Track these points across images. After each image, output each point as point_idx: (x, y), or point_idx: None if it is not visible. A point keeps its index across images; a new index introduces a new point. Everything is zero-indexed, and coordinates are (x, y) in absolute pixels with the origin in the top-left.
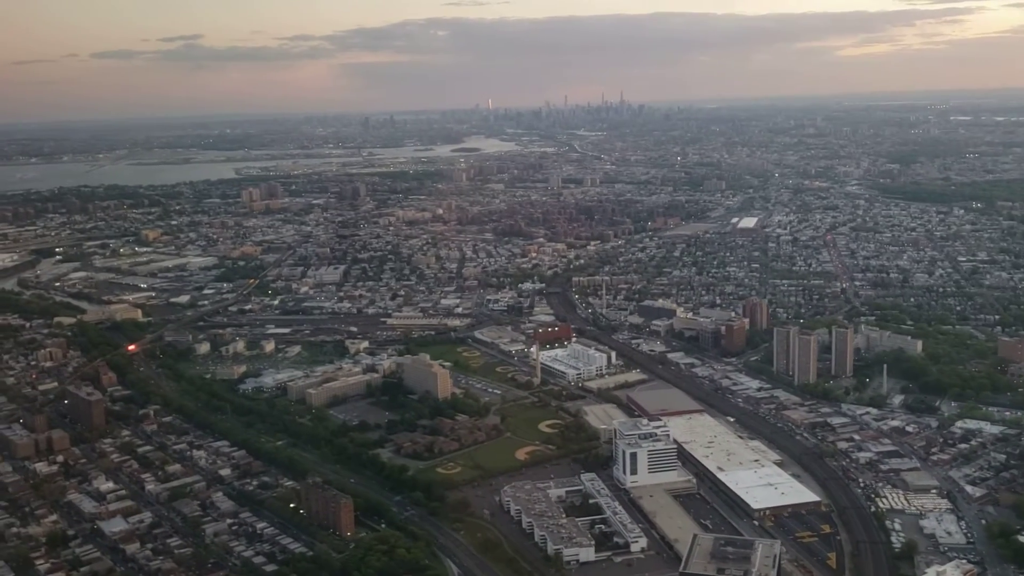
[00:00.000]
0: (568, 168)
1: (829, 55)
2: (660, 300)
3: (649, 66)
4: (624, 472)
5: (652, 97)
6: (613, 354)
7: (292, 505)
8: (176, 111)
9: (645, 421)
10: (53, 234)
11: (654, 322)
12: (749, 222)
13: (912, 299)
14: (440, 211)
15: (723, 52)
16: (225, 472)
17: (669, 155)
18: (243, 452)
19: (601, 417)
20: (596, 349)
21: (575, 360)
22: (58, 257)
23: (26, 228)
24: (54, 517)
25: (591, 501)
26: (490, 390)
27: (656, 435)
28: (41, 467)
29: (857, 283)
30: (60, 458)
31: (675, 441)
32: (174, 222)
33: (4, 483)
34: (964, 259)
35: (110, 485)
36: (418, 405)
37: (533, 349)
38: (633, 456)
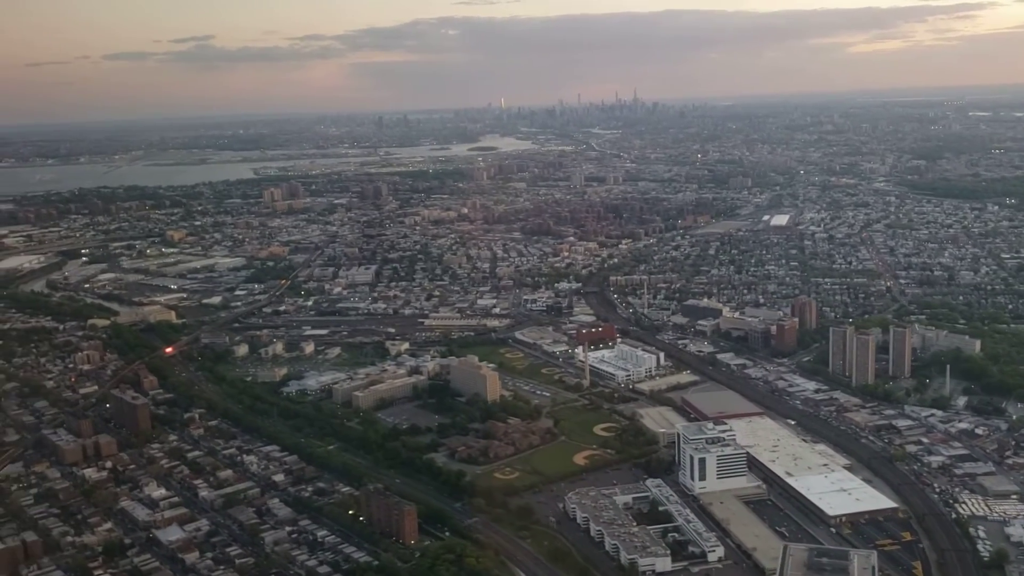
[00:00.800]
0: (588, 166)
1: (841, 52)
2: (705, 300)
3: (661, 64)
4: (692, 478)
5: (664, 95)
6: (661, 355)
7: (351, 512)
8: (188, 112)
9: (710, 425)
10: (78, 235)
11: (699, 322)
12: (781, 220)
13: (960, 297)
14: (465, 210)
15: (734, 49)
16: (279, 478)
17: (689, 153)
18: (295, 457)
19: (658, 420)
20: (643, 350)
21: (623, 361)
22: (84, 258)
23: (49, 229)
24: (108, 525)
25: (661, 508)
26: (539, 392)
27: (724, 439)
28: (90, 473)
29: (902, 281)
30: (109, 464)
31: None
32: (198, 223)
33: (54, 490)
34: (1008, 256)
35: (162, 492)
36: (468, 408)
37: (579, 350)
38: (702, 461)
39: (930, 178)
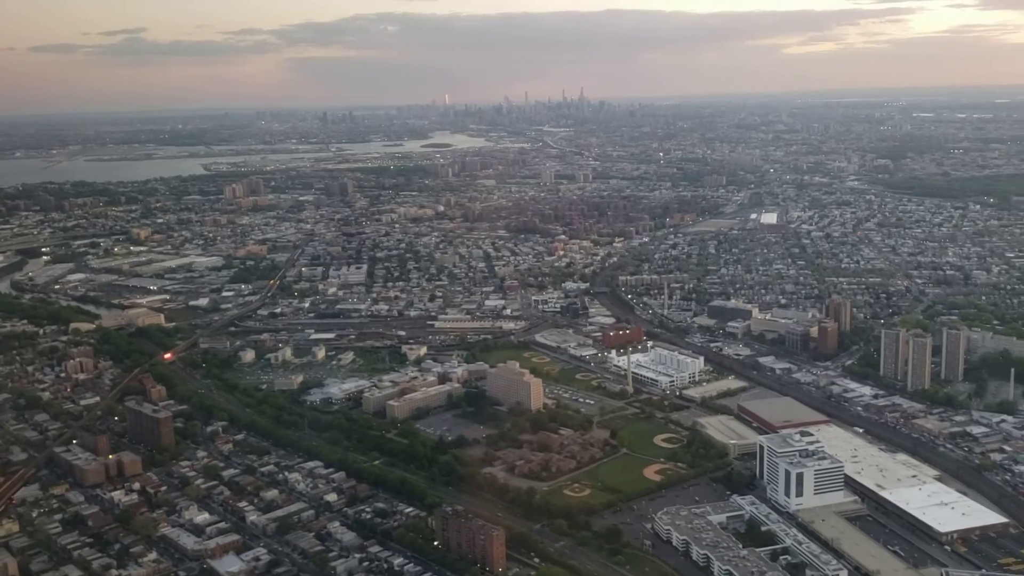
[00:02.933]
0: (553, 164)
1: (776, 53)
2: (732, 301)
3: (602, 63)
4: (787, 493)
5: (606, 94)
6: (701, 359)
7: (423, 536)
8: (121, 106)
9: (795, 436)
10: (33, 233)
11: (729, 324)
12: (771, 218)
13: (983, 297)
14: (441, 207)
15: (674, 49)
16: (331, 498)
17: (649, 151)
18: (341, 474)
19: (723, 431)
20: (680, 353)
21: (663, 366)
22: (46, 257)
23: (1, 227)
24: (154, 555)
25: (763, 528)
26: (581, 400)
27: (818, 452)
28: (119, 496)
29: (918, 281)
30: (136, 485)
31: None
32: (160, 220)
33: (82, 515)
34: (1013, 255)
35: (206, 516)
36: (515, 418)
37: (613, 354)
38: (799, 476)
39: (900, 177)
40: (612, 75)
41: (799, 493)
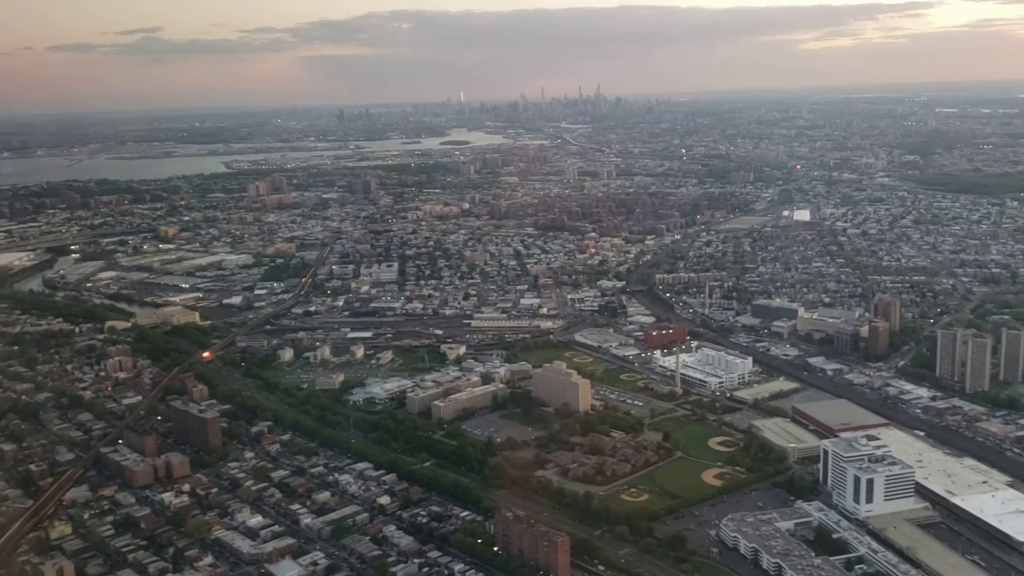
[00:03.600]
0: (574, 161)
1: (792, 49)
2: (776, 299)
3: (617, 59)
4: (856, 500)
5: (622, 90)
6: (749, 360)
7: (481, 541)
8: (138, 105)
9: (862, 440)
10: (61, 231)
11: (775, 323)
12: (804, 215)
13: None
14: (466, 205)
15: (689, 45)
16: (384, 500)
17: (670, 147)
18: (392, 476)
19: (780, 434)
20: (727, 353)
21: (710, 367)
22: (75, 255)
23: (28, 225)
24: (209, 559)
25: (835, 536)
26: (629, 401)
27: (887, 457)
28: (169, 498)
29: (964, 279)
30: (186, 487)
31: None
32: (186, 217)
33: (134, 517)
34: None
35: (259, 519)
36: (564, 420)
37: (658, 354)
38: (869, 482)
39: (931, 173)
40: (627, 71)
41: (869, 499)
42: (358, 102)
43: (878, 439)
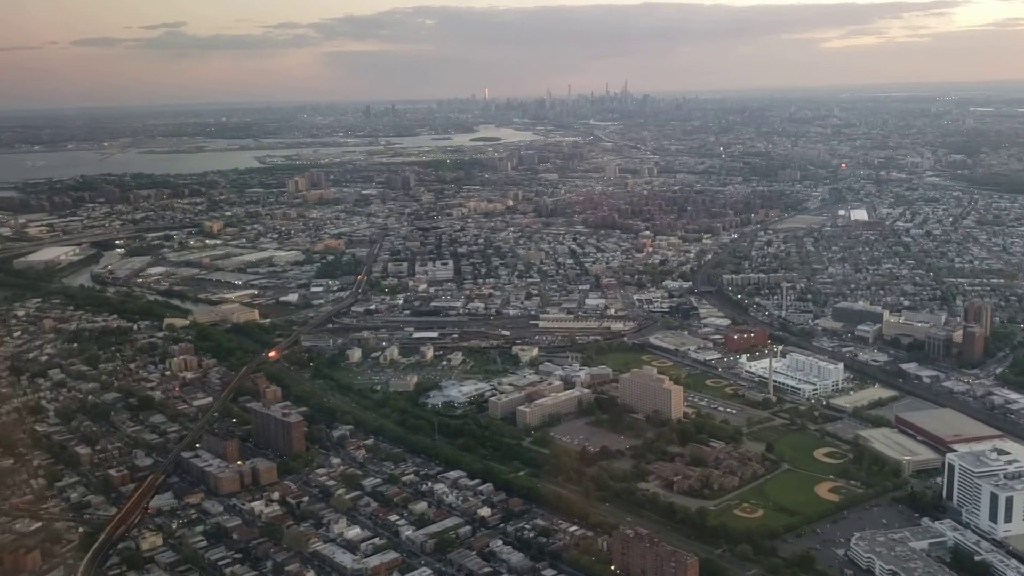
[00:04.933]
0: (610, 158)
1: (814, 47)
2: (860, 302)
3: (640, 57)
4: (993, 519)
5: (645, 87)
6: (841, 366)
7: (596, 560)
8: (162, 99)
9: (991, 454)
10: (103, 225)
11: (859, 327)
12: (861, 215)
13: None
14: (510, 202)
15: (712, 43)
16: (484, 512)
17: (707, 145)
18: (489, 486)
19: (890, 445)
20: (818, 358)
21: (801, 373)
22: (120, 250)
23: (70, 219)
24: (311, 574)
25: (976, 559)
26: (721, 409)
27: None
28: (259, 507)
29: None
30: (275, 494)
31: None
32: (228, 212)
33: (225, 527)
34: None
35: (357, 531)
36: (660, 428)
37: (743, 358)
38: (1008, 500)
39: (981, 173)
40: (651, 69)
41: (1008, 519)
42: (382, 98)
43: (1008, 453)
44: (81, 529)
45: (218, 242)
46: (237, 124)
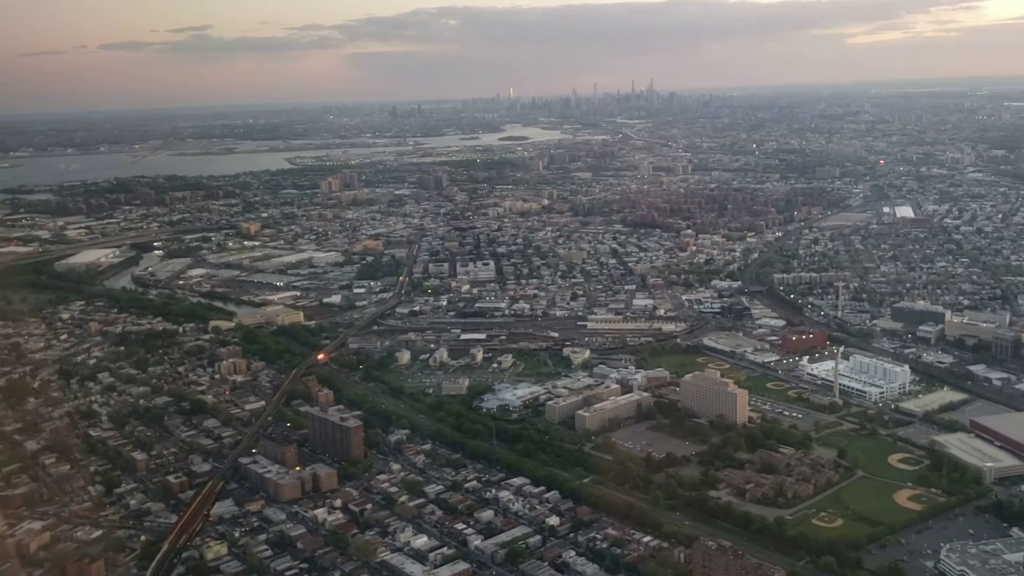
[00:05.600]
0: (642, 156)
1: (840, 43)
2: (921, 302)
3: (665, 54)
4: None
5: (671, 85)
6: (906, 368)
7: (675, 572)
8: (189, 102)
9: None
10: (140, 227)
11: (920, 327)
12: (906, 212)
13: None
14: (546, 201)
15: (737, 40)
16: (553, 521)
17: (739, 142)
18: (555, 493)
19: (968, 451)
20: (882, 360)
21: (866, 375)
22: (159, 252)
23: (107, 221)
24: None
25: None
26: (786, 413)
27: None
28: (322, 515)
29: None
30: (337, 502)
31: None
32: (264, 214)
33: (288, 536)
34: None
35: (424, 540)
36: (726, 434)
37: (804, 360)
38: None
39: None
40: (676, 66)
41: None
42: (406, 99)
43: None
44: (143, 537)
45: (256, 243)
46: (265, 126)
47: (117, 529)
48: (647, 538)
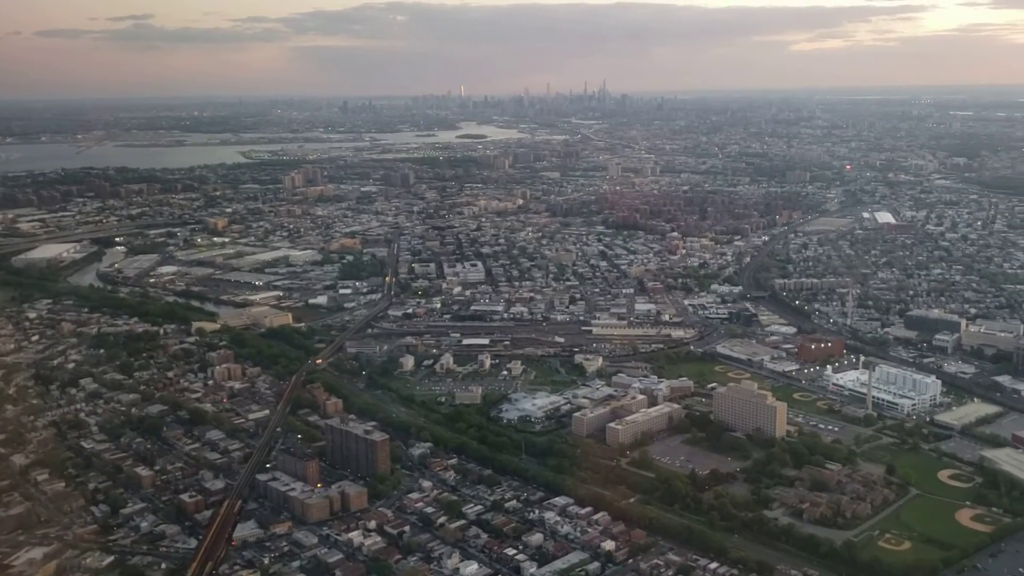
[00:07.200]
0: (607, 157)
1: (783, 49)
2: (935, 310)
3: (613, 56)
4: None
5: (619, 87)
6: (933, 378)
7: None
8: (129, 92)
9: None
10: (101, 221)
11: (936, 336)
12: (887, 217)
13: None
14: (520, 201)
15: (684, 44)
16: (608, 546)
17: (700, 145)
18: (604, 515)
19: (1019, 466)
20: (909, 370)
21: (894, 386)
22: (121, 247)
23: (61, 214)
24: None
25: None
26: (821, 426)
27: None
28: (357, 538)
29: None
30: (371, 523)
31: None
32: (228, 209)
33: (325, 563)
34: None
35: (474, 568)
36: (769, 449)
37: (829, 370)
38: None
39: (989, 176)
40: (625, 68)
41: None
42: (354, 94)
43: None
44: (163, 565)
45: (226, 240)
46: (212, 118)
47: (130, 555)
48: (713, 564)
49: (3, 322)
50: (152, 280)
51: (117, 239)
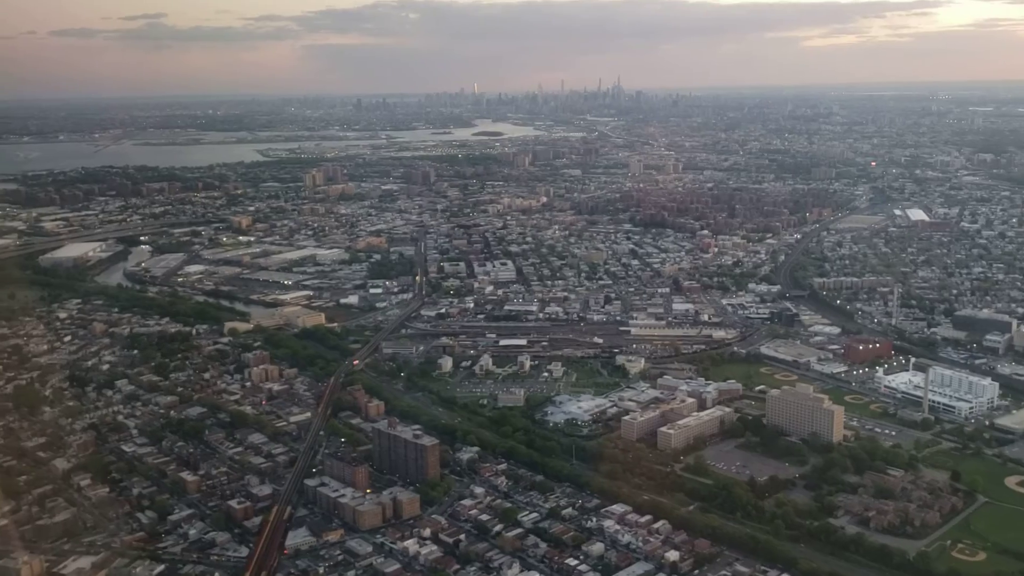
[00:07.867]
0: (627, 154)
1: (795, 45)
2: (984, 311)
3: (623, 53)
4: None
5: (631, 84)
6: (988, 380)
7: None
8: (142, 91)
9: None
10: (124, 220)
11: (987, 337)
12: (920, 214)
13: None
14: (544, 198)
15: (694, 41)
16: (672, 556)
17: (720, 142)
18: (664, 523)
19: None
20: (962, 372)
21: (949, 388)
22: (146, 246)
23: (84, 213)
24: None
25: None
26: (877, 430)
27: None
28: (412, 547)
29: None
30: (426, 531)
31: None
32: (251, 207)
33: (382, 572)
34: None
35: None
36: (828, 455)
37: (880, 371)
38: None
39: (1018, 172)
40: (637, 65)
41: None
42: (367, 92)
43: None
44: (216, 574)
45: (251, 239)
46: (227, 117)
47: (181, 564)
48: (775, 572)
49: (34, 322)
50: (180, 279)
51: (142, 238)
